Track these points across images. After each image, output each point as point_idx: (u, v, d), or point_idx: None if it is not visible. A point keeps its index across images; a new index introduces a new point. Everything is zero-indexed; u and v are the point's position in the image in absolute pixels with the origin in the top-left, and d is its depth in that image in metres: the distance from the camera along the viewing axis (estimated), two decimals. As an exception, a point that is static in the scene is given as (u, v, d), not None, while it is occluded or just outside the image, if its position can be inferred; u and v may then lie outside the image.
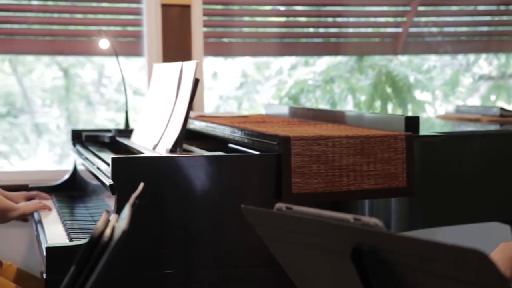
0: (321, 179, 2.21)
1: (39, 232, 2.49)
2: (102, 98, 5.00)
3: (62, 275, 1.65)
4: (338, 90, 4.89)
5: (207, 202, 2.20)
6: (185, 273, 2.19)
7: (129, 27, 4.03)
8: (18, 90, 4.89)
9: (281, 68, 4.98)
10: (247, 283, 2.26)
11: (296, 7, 4.34)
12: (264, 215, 1.30)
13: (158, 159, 2.21)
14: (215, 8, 4.09)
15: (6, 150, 4.81)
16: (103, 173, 2.35)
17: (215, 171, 2.21)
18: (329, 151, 2.22)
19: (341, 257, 1.17)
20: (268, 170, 2.23)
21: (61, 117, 4.87)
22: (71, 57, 4.58)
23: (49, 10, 3.91)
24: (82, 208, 2.84)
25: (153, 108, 2.70)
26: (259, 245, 2.18)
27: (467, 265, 0.96)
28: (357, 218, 1.11)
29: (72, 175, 3.26)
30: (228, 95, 5.16)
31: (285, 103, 4.78)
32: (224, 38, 4.22)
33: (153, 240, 2.15)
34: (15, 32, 3.85)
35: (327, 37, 4.43)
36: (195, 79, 2.33)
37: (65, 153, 4.64)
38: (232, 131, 2.60)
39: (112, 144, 3.12)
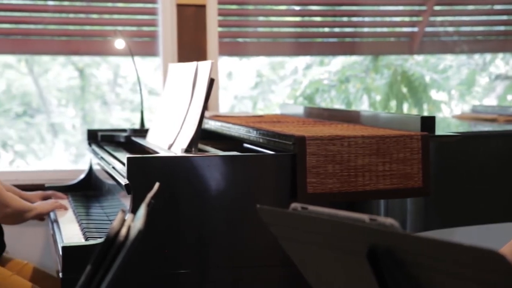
0: (336, 179, 2.21)
1: (55, 232, 2.50)
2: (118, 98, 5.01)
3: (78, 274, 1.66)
4: (353, 90, 4.88)
5: (222, 202, 2.20)
6: (200, 273, 2.19)
7: (144, 27, 4.04)
8: (34, 90, 4.91)
9: (296, 68, 4.98)
10: (261, 283, 2.26)
11: (311, 6, 4.33)
12: (280, 215, 1.30)
13: (174, 159, 2.21)
14: (230, 8, 4.09)
15: (23, 149, 4.84)
16: (118, 173, 2.36)
17: (230, 171, 2.21)
18: (345, 151, 2.22)
19: (356, 257, 1.17)
20: (283, 170, 2.22)
21: (77, 117, 4.89)
22: (86, 57, 4.60)
23: (65, 11, 3.93)
24: (98, 208, 2.85)
25: (169, 108, 2.70)
26: (273, 245, 2.18)
27: (484, 266, 0.96)
28: (373, 218, 1.11)
29: (88, 174, 3.27)
30: (243, 95, 5.16)
31: (300, 103, 4.77)
32: (239, 38, 4.22)
33: (168, 239, 2.16)
34: (31, 32, 3.87)
35: (342, 36, 4.42)
36: (210, 79, 2.33)
37: (80, 152, 4.66)
38: (247, 131, 2.60)
39: (127, 144, 3.13)
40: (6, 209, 2.52)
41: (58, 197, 2.98)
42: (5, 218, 2.56)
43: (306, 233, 1.28)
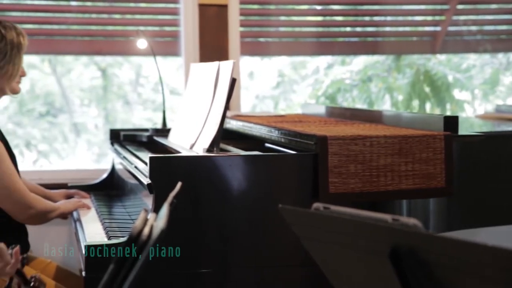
0: (358, 179, 2.20)
1: (78, 231, 2.52)
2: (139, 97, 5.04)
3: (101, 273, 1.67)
4: (375, 89, 4.86)
5: (243, 201, 2.20)
6: (222, 273, 2.19)
7: (166, 27, 4.05)
8: (57, 90, 4.95)
9: (318, 68, 4.97)
10: (283, 283, 2.26)
11: (332, 6, 4.32)
12: (302, 215, 1.30)
13: (195, 159, 2.22)
14: (252, 7, 4.09)
15: (46, 149, 4.88)
16: (141, 172, 2.37)
17: (252, 171, 2.21)
18: (367, 151, 2.21)
19: (379, 257, 1.16)
20: (305, 170, 2.22)
21: (99, 117, 4.92)
22: (109, 57, 4.63)
23: (87, 11, 3.95)
24: (120, 207, 2.87)
25: (190, 107, 2.71)
26: (295, 245, 2.18)
27: (508, 266, 0.95)
28: (396, 219, 1.10)
29: (110, 174, 3.29)
30: (264, 94, 5.16)
31: (321, 103, 4.76)
32: (261, 37, 4.22)
33: (190, 239, 2.16)
34: (55, 32, 3.90)
35: (364, 36, 4.41)
36: (232, 78, 2.34)
37: (103, 152, 4.69)
38: (268, 130, 2.60)
39: (149, 144, 3.14)
40: (30, 211, 2.54)
41: (81, 196, 3.00)
42: (30, 219, 2.58)
43: (328, 233, 1.28)
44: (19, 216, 2.55)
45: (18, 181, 2.49)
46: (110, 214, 2.75)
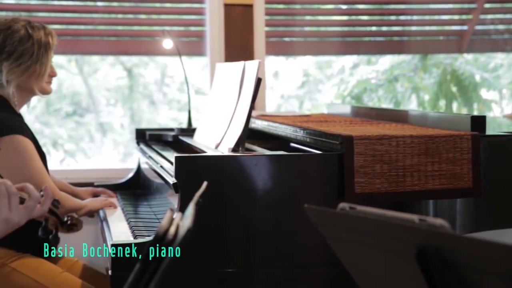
0: (384, 179, 2.19)
1: (104, 230, 2.54)
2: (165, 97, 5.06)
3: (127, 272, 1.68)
4: (401, 89, 4.84)
5: (269, 201, 2.20)
6: (246, 272, 2.20)
7: (192, 27, 4.07)
8: (83, 90, 4.99)
9: (343, 67, 4.96)
10: (308, 283, 2.25)
11: (358, 5, 4.30)
12: (328, 215, 1.30)
13: (221, 158, 2.22)
14: (277, 7, 4.09)
15: (73, 148, 4.92)
16: (166, 172, 2.38)
17: (277, 171, 2.21)
18: (393, 151, 2.20)
19: (405, 258, 1.16)
20: (330, 170, 2.22)
21: (125, 116, 4.95)
22: (134, 57, 4.66)
23: (114, 11, 3.98)
24: (146, 206, 2.88)
25: (216, 107, 2.72)
26: (320, 245, 2.18)
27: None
28: (423, 219, 1.10)
29: (136, 173, 3.31)
30: (289, 94, 5.16)
31: (347, 102, 4.75)
32: (286, 37, 4.22)
33: (216, 238, 2.17)
34: (81, 33, 3.93)
35: (390, 35, 4.38)
36: (257, 78, 2.34)
37: (128, 151, 4.72)
38: (294, 130, 2.60)
39: (175, 143, 3.15)
40: (59, 210, 2.56)
41: (107, 195, 3.02)
42: None
43: (354, 233, 1.27)
44: None
45: (48, 180, 2.51)
46: (136, 213, 2.77)
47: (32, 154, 2.50)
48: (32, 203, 1.75)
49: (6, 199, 1.72)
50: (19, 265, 2.48)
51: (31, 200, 1.75)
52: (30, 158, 2.48)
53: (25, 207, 1.74)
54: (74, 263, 2.79)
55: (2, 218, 1.72)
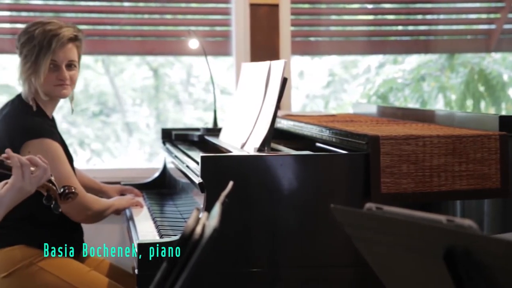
0: (411, 179, 2.18)
1: (131, 229, 2.55)
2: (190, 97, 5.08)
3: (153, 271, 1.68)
4: (428, 88, 4.81)
5: (294, 201, 2.19)
6: (272, 272, 2.19)
7: (217, 27, 4.07)
8: (110, 90, 5.03)
9: (369, 67, 4.94)
10: (333, 283, 2.25)
11: (384, 4, 4.28)
12: (354, 215, 1.29)
13: (246, 158, 2.22)
14: (302, 7, 4.08)
15: (99, 148, 4.96)
16: (192, 171, 2.38)
17: (303, 170, 2.21)
18: (419, 151, 2.18)
19: (433, 258, 1.15)
20: (356, 170, 2.21)
21: (151, 116, 4.97)
22: (160, 57, 4.68)
23: (140, 12, 4.00)
24: (172, 206, 2.89)
25: (241, 107, 2.72)
26: (345, 245, 2.17)
27: None
28: (450, 220, 1.09)
29: (162, 173, 3.32)
30: (315, 94, 5.15)
31: (373, 102, 4.73)
32: (311, 37, 4.21)
33: (241, 238, 2.17)
34: (108, 33, 3.95)
35: (416, 35, 4.35)
36: (283, 78, 2.33)
37: (154, 151, 4.74)
38: (319, 130, 2.59)
39: (200, 143, 3.16)
40: (88, 212, 2.58)
41: (134, 194, 3.04)
42: (86, 219, 2.62)
43: (381, 233, 1.26)
44: (77, 217, 2.59)
45: (76, 182, 2.52)
46: (161, 212, 2.78)
47: (61, 157, 2.51)
48: (40, 173, 1.97)
49: (20, 169, 1.93)
50: (47, 264, 2.50)
51: (39, 170, 1.96)
52: (59, 162, 2.50)
53: (35, 177, 1.96)
54: (101, 262, 2.81)
55: (17, 187, 1.94)
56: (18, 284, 2.48)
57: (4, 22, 3.83)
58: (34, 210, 2.53)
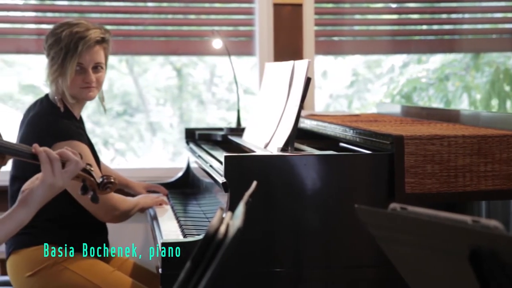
0: (435, 180, 2.16)
1: (154, 228, 2.56)
2: (214, 97, 5.08)
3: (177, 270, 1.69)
4: (452, 88, 4.77)
5: (318, 201, 2.19)
6: (295, 272, 2.19)
7: (241, 27, 4.08)
8: (134, 90, 5.05)
9: (393, 66, 4.91)
10: (356, 283, 2.24)
11: (408, 4, 4.26)
12: (379, 215, 1.28)
13: (270, 158, 2.22)
14: (326, 6, 4.07)
15: (123, 147, 4.99)
16: (216, 171, 2.39)
17: (327, 170, 2.20)
18: (444, 151, 2.17)
19: (458, 259, 1.14)
20: (380, 170, 2.20)
21: (174, 116, 4.99)
22: (184, 57, 4.69)
23: (164, 12, 4.01)
24: (195, 205, 2.90)
25: (265, 106, 2.72)
26: (368, 245, 2.16)
27: None
28: (476, 220, 1.08)
29: (186, 172, 3.33)
30: (338, 93, 5.13)
31: (397, 102, 4.70)
32: (335, 36, 4.19)
33: (264, 238, 2.17)
34: (132, 33, 3.98)
35: (441, 34, 4.32)
36: (306, 77, 2.33)
37: (177, 151, 4.76)
38: (343, 130, 2.58)
39: (224, 143, 3.16)
40: (115, 212, 2.59)
41: (161, 192, 3.06)
42: (113, 219, 2.64)
43: (405, 233, 1.26)
44: (104, 218, 2.61)
45: None
46: (185, 212, 2.79)
47: (88, 159, 2.53)
48: (72, 166, 1.88)
49: (49, 165, 1.85)
50: (71, 264, 2.52)
51: (71, 164, 1.88)
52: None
53: (66, 171, 1.87)
54: (125, 262, 2.82)
55: (47, 184, 1.85)
56: (43, 283, 2.50)
57: (29, 23, 3.87)
58: (61, 211, 2.55)
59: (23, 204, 1.87)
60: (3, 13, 3.84)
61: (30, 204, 1.87)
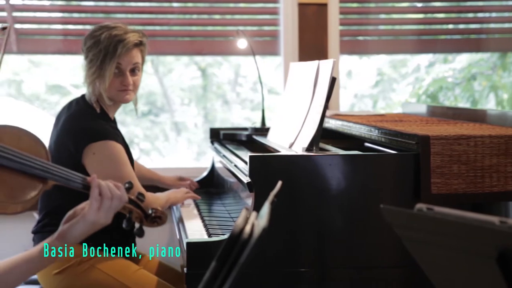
0: (461, 180, 2.15)
1: (180, 228, 2.57)
2: (238, 97, 5.09)
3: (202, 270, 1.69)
4: (479, 87, 4.73)
5: (342, 201, 2.18)
6: (320, 272, 2.19)
7: (265, 26, 4.08)
8: (159, 90, 5.08)
9: (419, 66, 4.88)
10: (381, 284, 2.23)
11: (434, 3, 4.23)
12: (405, 216, 1.28)
13: (295, 158, 2.22)
14: (351, 6, 4.06)
15: (148, 147, 5.01)
16: (240, 171, 2.39)
17: (351, 170, 2.19)
18: (471, 151, 2.15)
19: (485, 260, 1.13)
20: (406, 170, 2.18)
21: (199, 116, 5.00)
22: (208, 57, 4.70)
23: (189, 12, 4.02)
24: (220, 205, 2.90)
25: (290, 106, 2.71)
26: (393, 246, 2.15)
27: None
28: (503, 221, 1.07)
29: (210, 172, 3.34)
30: (363, 93, 5.11)
31: (423, 102, 4.67)
32: (360, 36, 4.18)
33: (289, 238, 2.16)
34: (157, 33, 3.99)
35: (467, 33, 4.28)
36: (331, 77, 2.32)
37: (202, 150, 4.77)
38: (368, 129, 2.57)
39: (248, 143, 3.16)
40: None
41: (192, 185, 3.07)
42: None
43: (431, 234, 1.25)
44: None
45: (138, 184, 2.55)
46: (210, 211, 2.79)
47: (123, 159, 2.55)
48: (116, 202, 1.78)
49: (98, 202, 1.75)
50: (98, 262, 2.54)
51: (115, 200, 1.78)
52: (121, 163, 2.53)
53: (111, 208, 1.78)
54: (150, 261, 2.83)
55: (90, 221, 1.76)
56: (70, 281, 2.52)
57: (56, 23, 3.90)
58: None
59: (61, 239, 1.77)
60: (30, 14, 3.87)
61: (68, 240, 1.76)
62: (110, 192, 1.77)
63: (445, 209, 1.18)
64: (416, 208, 1.23)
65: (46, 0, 3.86)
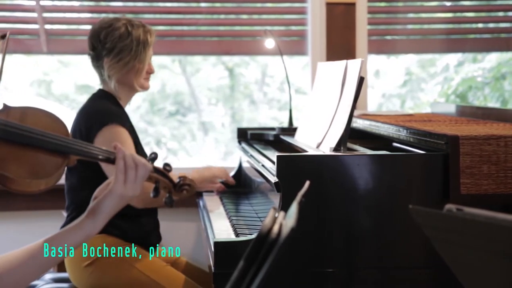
0: (491, 180, 2.13)
1: (207, 227, 2.57)
2: (265, 97, 5.09)
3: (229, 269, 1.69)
4: (509, 87, 4.68)
5: (370, 201, 2.17)
6: (347, 273, 2.18)
7: (293, 26, 4.07)
8: (186, 89, 5.09)
9: (447, 65, 4.84)
10: (408, 284, 2.21)
11: (463, 2, 4.19)
12: (434, 216, 1.27)
13: (322, 158, 2.21)
14: (379, 5, 4.03)
15: (175, 147, 5.03)
16: (268, 171, 2.39)
17: (380, 170, 2.18)
18: (501, 151, 2.13)
19: (516, 262, 1.12)
20: (435, 170, 2.17)
21: (226, 115, 5.01)
22: (236, 57, 4.71)
23: (216, 12, 4.03)
24: (247, 205, 2.91)
25: (317, 106, 2.71)
26: (421, 246, 2.14)
27: None
28: (535, 222, 1.05)
29: (238, 172, 3.34)
30: (391, 93, 5.08)
31: (452, 101, 4.63)
32: (388, 35, 4.15)
33: (317, 238, 2.16)
34: (185, 33, 4.00)
35: (497, 32, 4.24)
36: (359, 77, 2.31)
37: (229, 150, 4.78)
38: (396, 129, 2.55)
39: (276, 142, 3.16)
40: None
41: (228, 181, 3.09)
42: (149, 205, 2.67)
43: (461, 235, 1.24)
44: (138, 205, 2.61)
45: None
46: (237, 211, 2.80)
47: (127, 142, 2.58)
48: (142, 171, 1.73)
49: (123, 174, 1.71)
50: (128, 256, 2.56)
51: (139, 169, 1.73)
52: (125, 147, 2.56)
53: (137, 178, 1.72)
54: (177, 260, 2.85)
55: (117, 194, 1.71)
56: (99, 274, 2.54)
57: (85, 24, 3.93)
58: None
59: (91, 215, 1.72)
60: (59, 14, 3.91)
61: (98, 216, 1.71)
62: (134, 162, 1.72)
63: (475, 209, 1.17)
64: (446, 209, 1.22)
65: (76, 1, 3.89)
